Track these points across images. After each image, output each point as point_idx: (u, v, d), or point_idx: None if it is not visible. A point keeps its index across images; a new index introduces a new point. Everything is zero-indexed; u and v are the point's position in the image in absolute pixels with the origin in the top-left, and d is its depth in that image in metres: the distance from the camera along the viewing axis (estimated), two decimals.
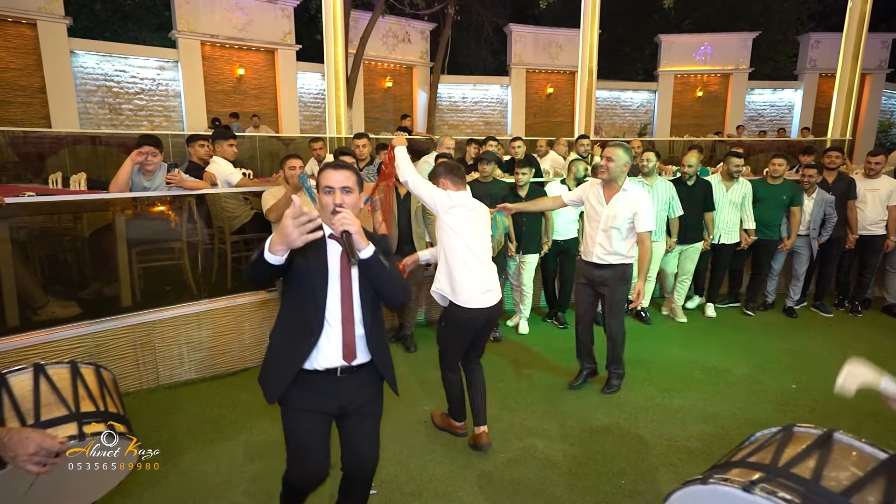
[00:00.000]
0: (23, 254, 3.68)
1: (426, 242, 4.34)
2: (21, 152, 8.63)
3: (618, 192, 3.42)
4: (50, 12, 10.84)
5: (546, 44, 15.63)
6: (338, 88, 9.49)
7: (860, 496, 1.22)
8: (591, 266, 3.57)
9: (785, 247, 5.20)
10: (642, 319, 5.15)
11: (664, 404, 3.54)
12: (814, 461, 1.33)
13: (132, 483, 2.68)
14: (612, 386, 3.71)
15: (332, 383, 1.94)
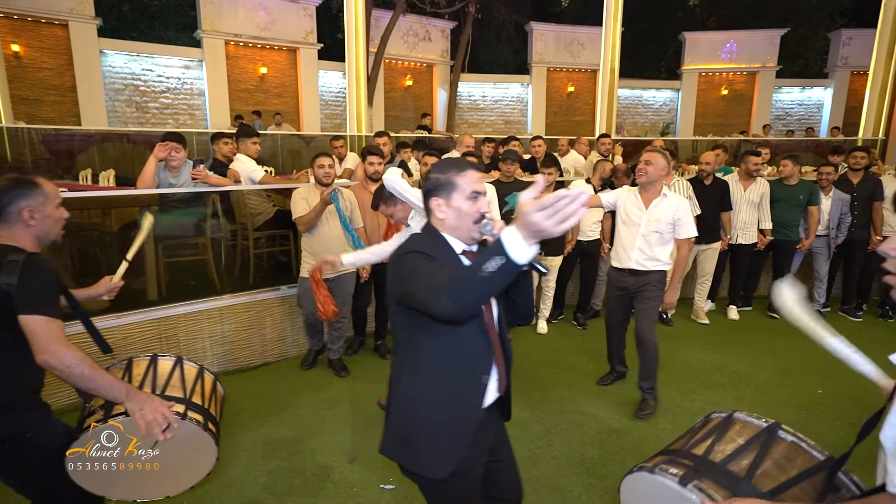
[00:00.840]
0: (54, 248, 3.78)
1: None
2: (52, 149, 8.88)
3: (657, 197, 3.35)
4: (81, 13, 11.13)
5: (567, 42, 15.52)
6: (359, 87, 9.56)
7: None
8: (628, 273, 3.48)
9: (803, 246, 5.11)
10: (663, 321, 5.09)
11: (685, 406, 3.50)
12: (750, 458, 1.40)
13: None
14: (647, 408, 3.42)
15: (488, 423, 1.64)
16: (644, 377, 3.45)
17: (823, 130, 15.75)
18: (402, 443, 1.60)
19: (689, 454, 1.47)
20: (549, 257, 4.77)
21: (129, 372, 1.94)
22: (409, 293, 1.45)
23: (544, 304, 4.94)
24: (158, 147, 3.83)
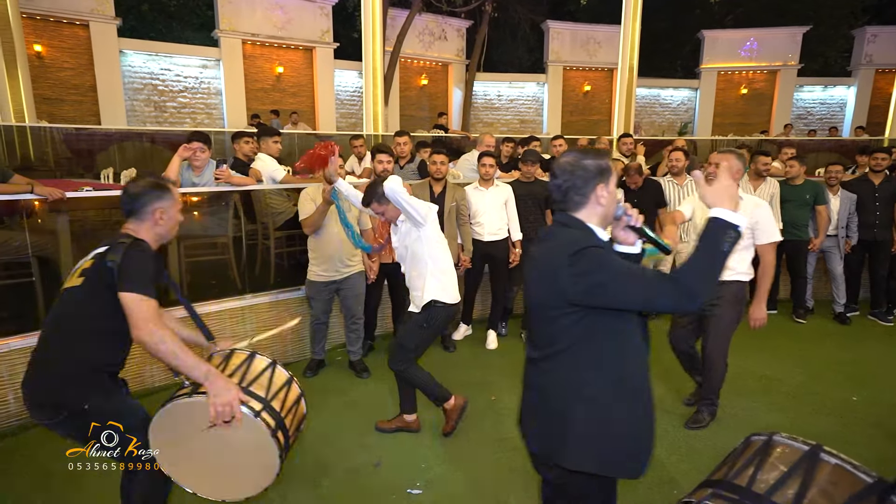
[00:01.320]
0: (80, 247, 3.80)
1: (458, 244, 4.28)
2: (73, 149, 8.97)
3: None
4: (101, 13, 11.24)
5: (584, 40, 15.39)
6: (375, 86, 9.54)
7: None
8: None
9: (814, 247, 5.04)
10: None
11: (719, 414, 3.41)
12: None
13: None
14: (700, 421, 3.21)
15: None
16: (705, 393, 3.26)
17: (846, 130, 15.45)
18: (600, 449, 1.54)
19: (733, 486, 1.41)
20: None
21: (227, 361, 2.01)
22: (607, 291, 1.43)
23: None
24: (183, 147, 3.83)
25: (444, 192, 4.20)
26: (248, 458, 1.89)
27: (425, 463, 2.85)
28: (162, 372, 3.74)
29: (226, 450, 1.85)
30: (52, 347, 1.85)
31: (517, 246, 4.48)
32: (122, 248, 1.81)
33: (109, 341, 1.88)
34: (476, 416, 3.36)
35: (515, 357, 4.32)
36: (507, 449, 3.00)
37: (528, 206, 4.50)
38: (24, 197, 3.23)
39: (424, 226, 2.86)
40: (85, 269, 1.87)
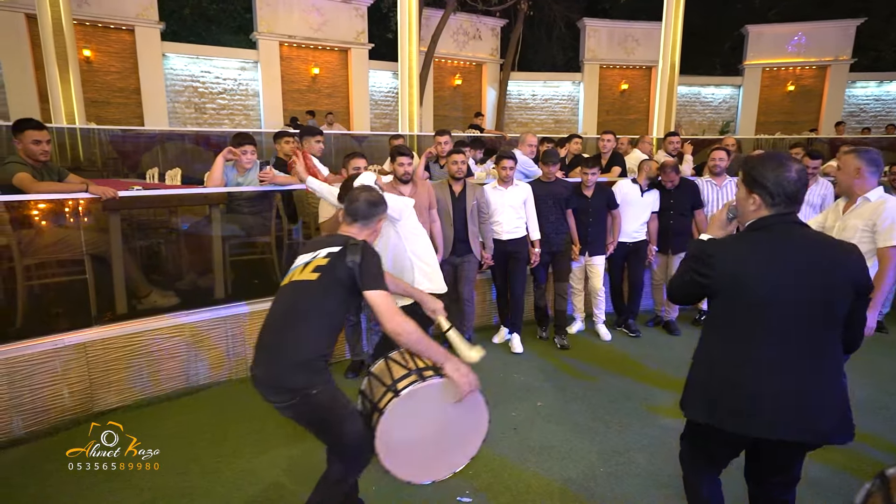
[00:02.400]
0: (129, 245, 3.87)
1: (480, 242, 4.23)
2: (119, 149, 9.23)
3: (855, 203, 2.87)
4: (146, 18, 11.57)
5: (622, 38, 15.08)
6: (411, 86, 9.52)
7: None
8: None
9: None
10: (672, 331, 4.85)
11: None
12: None
13: (223, 466, 2.73)
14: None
15: None
16: None
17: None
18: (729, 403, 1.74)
19: None
20: (593, 257, 4.60)
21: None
22: None
23: (598, 308, 4.74)
24: (228, 150, 3.87)
25: (465, 192, 4.17)
26: (464, 430, 2.12)
27: (472, 470, 2.77)
28: (207, 370, 3.77)
29: (449, 426, 2.08)
30: (286, 336, 1.97)
31: (535, 245, 4.41)
32: (359, 249, 2.00)
33: (333, 333, 2.06)
34: (523, 421, 3.27)
35: (554, 361, 4.20)
36: (557, 457, 2.90)
37: (549, 205, 4.43)
38: (79, 196, 3.29)
39: (400, 221, 2.81)
40: (320, 265, 1.99)
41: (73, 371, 3.25)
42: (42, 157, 3.37)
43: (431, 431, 2.05)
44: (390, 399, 1.93)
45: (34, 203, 3.31)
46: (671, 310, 4.91)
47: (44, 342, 3.16)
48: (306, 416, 2.01)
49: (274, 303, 2.07)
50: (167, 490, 2.60)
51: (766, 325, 1.68)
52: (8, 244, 3.31)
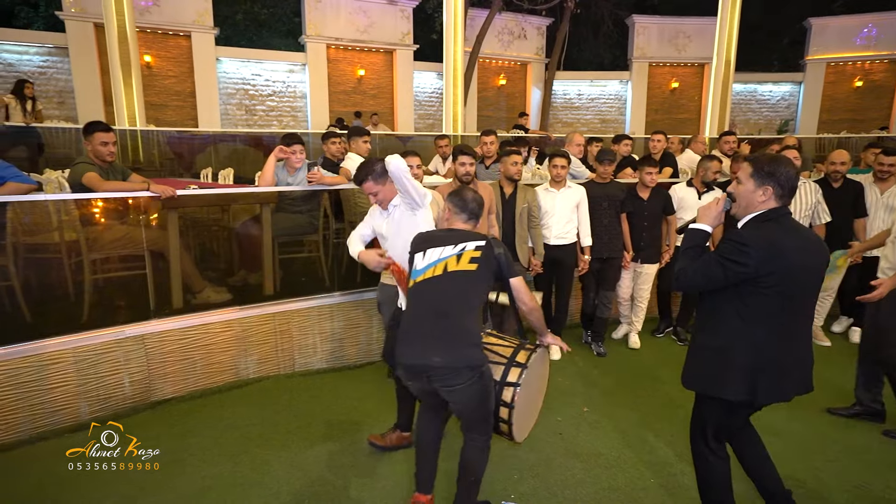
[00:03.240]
0: (185, 242, 4.02)
1: (528, 247, 4.10)
2: (175, 150, 9.62)
3: None
4: (202, 24, 12.04)
5: (672, 35, 14.63)
6: (456, 87, 9.54)
7: None
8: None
9: None
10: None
11: (841, 440, 3.05)
12: None
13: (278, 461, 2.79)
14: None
15: None
16: None
17: None
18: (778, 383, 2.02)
19: None
20: (645, 265, 4.41)
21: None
22: None
23: (636, 315, 4.56)
24: (279, 149, 3.97)
25: (515, 194, 4.02)
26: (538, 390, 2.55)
27: (518, 474, 2.74)
28: (255, 365, 3.87)
29: (534, 387, 2.46)
30: (459, 320, 2.16)
31: (586, 252, 4.22)
32: (500, 243, 2.30)
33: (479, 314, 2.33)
34: (569, 426, 3.21)
35: (598, 367, 4.10)
36: (604, 465, 2.82)
37: (604, 208, 4.24)
38: (141, 194, 3.45)
39: (421, 209, 2.75)
40: (475, 257, 2.21)
41: (133, 361, 3.40)
42: (109, 157, 3.55)
43: (530, 392, 2.41)
44: (521, 372, 2.26)
45: (101, 201, 3.48)
46: None
47: (107, 333, 3.32)
48: (478, 392, 2.18)
49: (428, 291, 2.22)
50: (221, 479, 2.69)
51: (797, 304, 1.96)
52: (77, 239, 3.50)
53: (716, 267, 1.92)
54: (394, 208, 2.85)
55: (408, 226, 2.77)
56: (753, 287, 1.90)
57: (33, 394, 3.06)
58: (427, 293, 2.23)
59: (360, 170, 2.81)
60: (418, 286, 2.26)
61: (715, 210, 2.09)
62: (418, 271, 2.28)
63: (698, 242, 2.06)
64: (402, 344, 2.21)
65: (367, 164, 2.82)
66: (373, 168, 2.77)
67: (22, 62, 11.30)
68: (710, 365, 2.02)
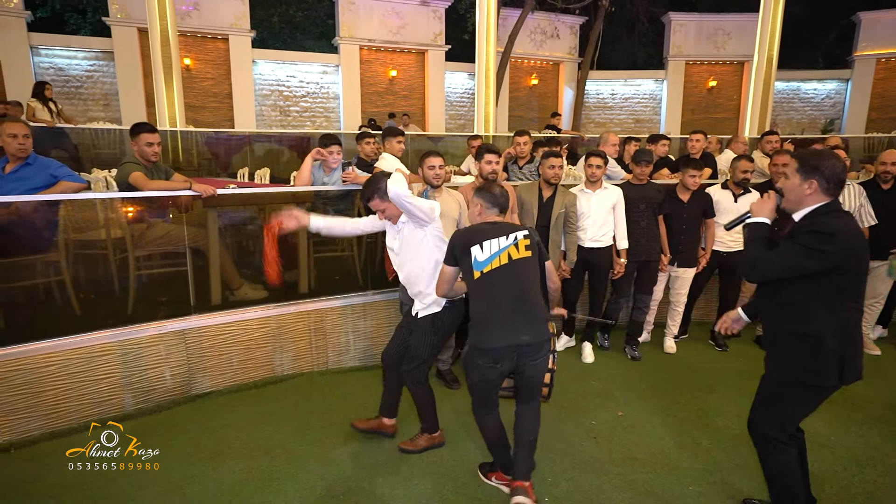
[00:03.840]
0: (224, 240, 4.12)
1: (561, 251, 4.03)
2: (213, 150, 9.88)
3: None
4: (239, 27, 12.33)
5: (711, 32, 14.25)
6: (487, 87, 9.51)
7: None
8: None
9: None
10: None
11: (894, 454, 2.91)
12: None
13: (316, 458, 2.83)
14: None
15: None
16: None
17: None
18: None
19: None
20: (681, 268, 4.30)
21: None
22: None
23: (672, 319, 4.44)
24: (317, 150, 4.04)
25: (554, 197, 3.95)
26: None
27: (552, 477, 2.71)
28: (290, 361, 3.94)
29: None
30: (534, 302, 2.42)
31: (622, 255, 4.11)
32: (535, 231, 2.59)
33: None
34: (603, 430, 3.16)
35: (631, 371, 4.02)
36: (640, 471, 2.77)
37: (641, 210, 4.13)
38: (183, 193, 3.55)
39: (430, 224, 2.72)
40: (528, 244, 2.45)
41: (174, 355, 3.51)
42: (153, 157, 3.67)
43: None
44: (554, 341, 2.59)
45: (146, 199, 3.60)
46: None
47: (151, 327, 3.43)
48: (545, 362, 2.45)
49: (501, 279, 2.39)
50: (258, 472, 2.74)
51: (862, 288, 2.11)
52: (122, 236, 3.63)
53: (798, 257, 2.00)
54: (403, 225, 2.82)
55: (418, 242, 2.77)
56: (834, 274, 1.98)
57: (83, 384, 3.19)
58: (500, 280, 2.38)
59: (367, 187, 2.79)
60: (487, 276, 2.38)
61: (769, 204, 2.22)
62: (482, 262, 2.39)
63: (763, 234, 2.17)
64: (489, 331, 2.34)
65: (373, 181, 2.78)
66: (378, 186, 2.73)
67: (71, 66, 11.79)
68: (802, 353, 2.07)
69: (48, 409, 3.10)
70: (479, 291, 2.41)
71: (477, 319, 2.41)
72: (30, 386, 3.03)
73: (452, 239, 2.51)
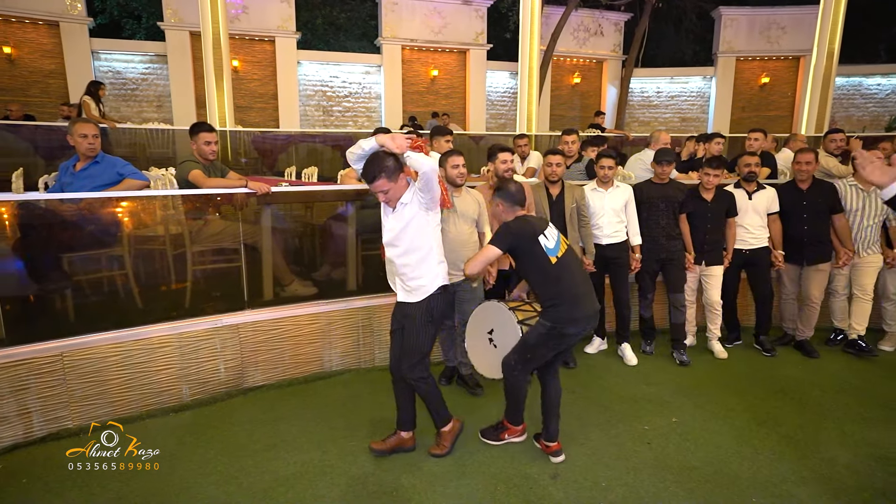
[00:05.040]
0: (275, 237, 4.21)
1: (580, 247, 3.98)
2: (259, 149, 10.14)
3: None
4: (285, 30, 12.62)
5: (765, 26, 13.70)
6: (530, 86, 9.42)
7: None
8: None
9: None
10: (863, 350, 4.18)
11: None
12: None
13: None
14: None
15: None
16: None
17: None
18: None
19: None
20: (710, 266, 4.21)
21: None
22: None
23: (712, 323, 4.30)
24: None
25: (563, 194, 3.95)
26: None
27: (606, 482, 2.65)
28: (338, 357, 3.99)
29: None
30: (586, 284, 2.81)
31: (636, 251, 4.12)
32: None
33: None
34: (657, 436, 3.07)
35: (682, 377, 3.89)
36: (699, 480, 2.67)
37: (661, 209, 4.13)
38: (239, 190, 3.65)
39: (432, 211, 2.67)
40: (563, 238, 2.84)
41: (228, 349, 3.61)
42: (211, 155, 3.78)
43: None
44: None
45: (204, 196, 3.72)
46: (806, 328, 4.33)
47: (206, 321, 3.54)
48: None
49: (572, 262, 2.80)
50: (311, 465, 2.79)
51: None
52: (181, 232, 3.75)
53: None
54: (403, 206, 2.66)
55: (418, 224, 2.66)
56: None
57: (144, 374, 3.32)
58: (572, 263, 2.79)
59: (373, 165, 2.56)
60: (563, 260, 2.74)
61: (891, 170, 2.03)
62: (553, 249, 2.72)
63: None
64: (580, 303, 2.71)
65: (379, 159, 2.56)
66: (385, 164, 2.55)
67: (127, 70, 12.33)
68: None
69: (113, 397, 3.23)
70: (559, 273, 2.71)
71: (565, 296, 2.69)
72: (97, 374, 3.17)
73: (510, 228, 2.74)
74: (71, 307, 3.38)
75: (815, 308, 4.25)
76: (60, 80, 11.47)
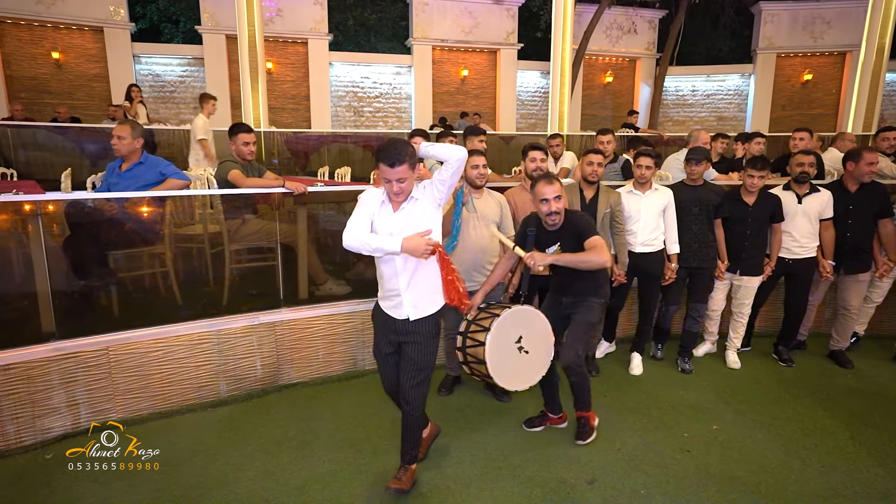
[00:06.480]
0: (310, 236, 4.25)
1: (612, 255, 3.72)
2: (292, 149, 10.30)
3: None
4: (318, 32, 12.79)
5: (807, 21, 13.23)
6: (563, 85, 9.31)
7: None
8: None
9: None
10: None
11: None
12: None
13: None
14: None
15: None
16: None
17: None
18: None
19: None
20: (745, 277, 3.94)
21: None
22: None
23: (735, 331, 4.09)
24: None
25: (597, 197, 3.67)
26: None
27: (645, 490, 2.58)
28: (371, 357, 4.01)
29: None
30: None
31: (673, 261, 3.84)
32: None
33: None
34: (698, 444, 2.98)
35: (726, 382, 3.77)
36: (742, 490, 2.58)
37: (693, 213, 3.84)
38: (277, 190, 3.70)
39: (442, 205, 2.44)
40: None
41: (265, 346, 3.66)
42: (249, 156, 3.85)
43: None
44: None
45: (243, 196, 3.79)
46: (841, 339, 4.11)
47: (244, 318, 3.60)
48: None
49: None
50: (346, 464, 2.80)
51: None
52: (220, 231, 3.83)
53: None
54: (414, 201, 2.38)
55: (427, 222, 2.36)
56: None
57: (184, 369, 3.39)
58: None
59: (398, 149, 2.23)
60: None
61: None
62: None
63: None
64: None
65: (404, 144, 2.28)
66: (410, 150, 2.27)
67: (166, 73, 12.69)
68: None
69: (155, 391, 3.32)
70: None
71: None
72: (140, 368, 3.26)
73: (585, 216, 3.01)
74: (116, 303, 3.49)
75: (853, 317, 4.03)
76: (104, 83, 11.89)
